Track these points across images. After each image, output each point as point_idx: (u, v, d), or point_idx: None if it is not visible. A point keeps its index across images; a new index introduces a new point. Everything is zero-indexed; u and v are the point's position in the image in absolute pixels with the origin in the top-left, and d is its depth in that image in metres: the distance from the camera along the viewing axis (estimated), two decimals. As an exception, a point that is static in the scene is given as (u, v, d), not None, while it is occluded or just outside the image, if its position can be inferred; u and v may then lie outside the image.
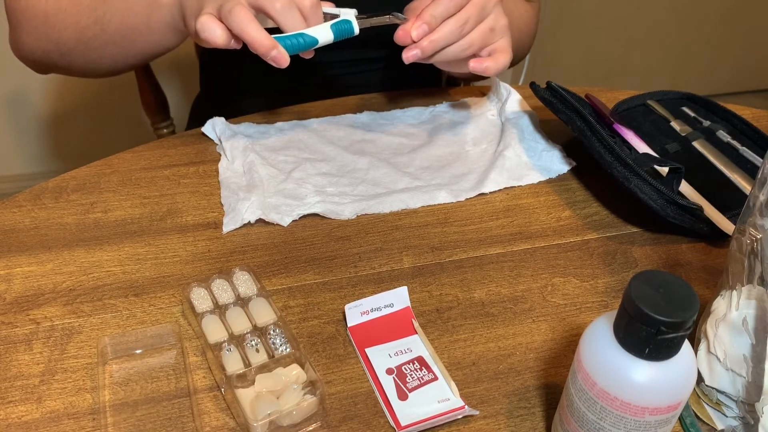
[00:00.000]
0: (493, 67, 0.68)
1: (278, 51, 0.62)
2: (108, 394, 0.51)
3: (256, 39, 0.61)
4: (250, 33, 0.60)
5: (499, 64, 0.69)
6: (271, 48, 0.61)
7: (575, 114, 0.70)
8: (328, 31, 0.65)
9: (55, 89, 1.76)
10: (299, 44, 0.63)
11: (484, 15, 0.67)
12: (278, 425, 0.48)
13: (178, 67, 1.73)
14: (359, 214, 0.67)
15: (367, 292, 0.59)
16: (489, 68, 0.68)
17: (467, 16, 0.66)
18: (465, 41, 0.67)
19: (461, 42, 0.67)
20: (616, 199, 0.70)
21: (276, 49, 0.61)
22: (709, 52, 2.28)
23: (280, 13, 0.62)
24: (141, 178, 0.71)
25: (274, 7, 0.61)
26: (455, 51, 0.67)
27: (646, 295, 0.37)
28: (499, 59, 0.69)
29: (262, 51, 0.61)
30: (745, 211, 0.47)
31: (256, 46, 0.61)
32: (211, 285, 0.57)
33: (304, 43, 0.63)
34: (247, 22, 0.60)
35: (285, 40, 0.63)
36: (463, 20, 0.66)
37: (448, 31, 0.65)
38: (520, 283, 0.61)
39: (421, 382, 0.51)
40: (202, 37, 0.63)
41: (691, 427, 0.49)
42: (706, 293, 0.60)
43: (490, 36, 0.68)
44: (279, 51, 0.62)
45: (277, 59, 0.62)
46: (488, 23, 0.68)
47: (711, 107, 0.83)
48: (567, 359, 0.54)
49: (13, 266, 0.60)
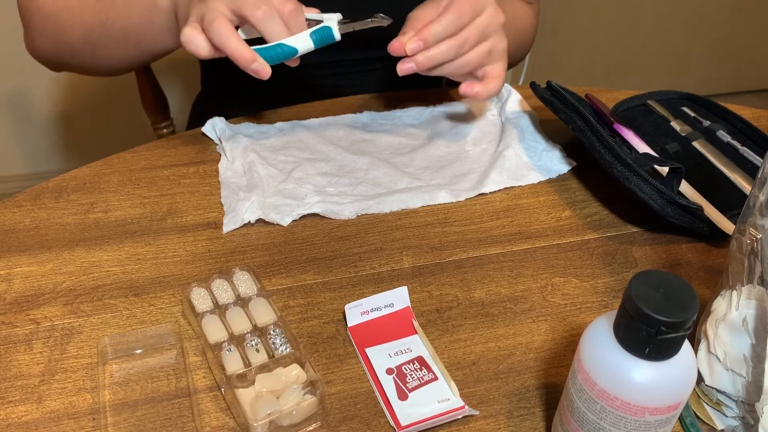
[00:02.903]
0: (484, 92, 0.70)
1: (258, 63, 0.62)
2: (108, 394, 0.51)
3: (236, 51, 0.61)
4: (230, 46, 0.61)
5: (490, 90, 0.70)
6: (251, 61, 0.62)
7: (575, 114, 0.70)
8: (308, 39, 0.65)
9: (55, 89, 1.76)
10: (278, 55, 0.64)
11: (483, 37, 0.68)
12: (278, 425, 0.48)
13: (178, 67, 1.73)
14: (359, 214, 0.67)
15: (367, 292, 0.59)
16: (479, 93, 0.70)
17: (466, 37, 0.66)
18: (461, 61, 0.68)
19: (457, 61, 0.68)
20: (616, 199, 0.70)
21: (256, 62, 0.62)
22: (709, 52, 2.28)
23: (261, 21, 0.62)
24: (141, 178, 0.71)
25: (255, 15, 0.62)
26: (450, 69, 0.68)
27: (646, 295, 0.37)
28: (490, 85, 0.70)
29: (243, 63, 0.62)
30: (745, 211, 0.47)
31: (236, 58, 0.62)
32: (211, 285, 0.57)
33: (283, 53, 0.64)
34: (227, 35, 0.61)
35: (264, 52, 0.63)
36: (461, 41, 0.66)
37: (444, 50, 0.66)
38: (520, 283, 0.61)
39: (421, 382, 0.51)
40: (187, 49, 0.63)
41: (691, 427, 0.49)
42: (706, 293, 0.60)
43: (487, 58, 0.69)
44: (259, 63, 0.62)
45: (258, 71, 0.63)
46: (487, 46, 0.68)
47: (711, 107, 0.83)
48: (567, 359, 0.54)
49: (13, 266, 0.60)
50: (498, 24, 0.69)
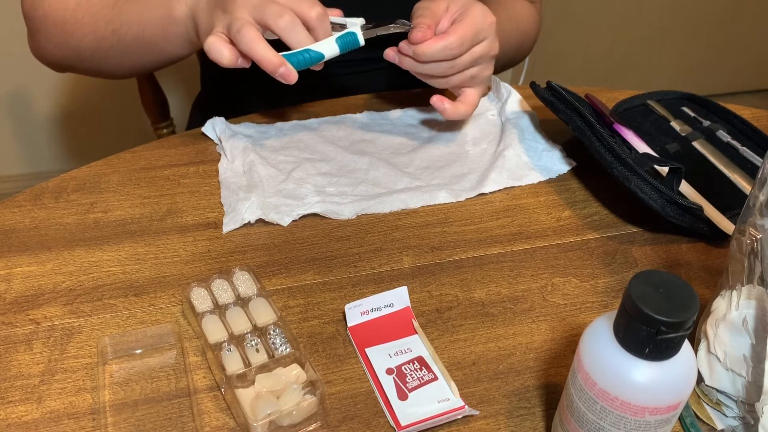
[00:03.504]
0: (451, 112, 0.73)
1: (286, 68, 0.63)
2: (108, 394, 0.51)
3: (265, 57, 0.62)
4: (258, 52, 0.62)
5: (457, 113, 0.73)
6: (279, 65, 0.63)
7: (575, 114, 0.70)
8: (334, 45, 0.66)
9: (55, 90, 1.76)
10: (305, 60, 0.65)
11: (473, 64, 0.71)
12: (278, 425, 0.48)
13: (178, 67, 1.71)
14: (359, 214, 0.67)
15: (367, 292, 0.59)
16: (446, 111, 0.72)
17: (458, 64, 0.69)
18: (443, 80, 0.71)
19: (440, 80, 0.71)
20: (616, 199, 0.70)
21: (284, 66, 0.63)
22: (709, 52, 2.28)
23: (284, 30, 0.63)
24: (141, 178, 0.71)
25: (278, 24, 0.63)
26: (432, 82, 0.72)
27: (646, 295, 0.37)
28: (460, 109, 0.73)
29: (271, 69, 0.63)
30: (745, 211, 0.47)
31: (265, 64, 0.63)
32: (211, 285, 0.57)
33: (310, 58, 0.65)
34: (255, 42, 0.62)
35: (292, 57, 0.64)
36: (452, 65, 0.69)
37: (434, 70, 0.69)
38: (520, 283, 0.61)
39: (421, 382, 0.51)
40: (209, 57, 0.65)
41: (691, 427, 0.49)
42: (706, 293, 0.60)
43: (469, 82, 0.72)
44: (287, 68, 0.63)
45: (286, 76, 0.64)
46: (472, 72, 0.71)
47: (711, 107, 0.83)
48: (567, 359, 0.54)
49: (13, 266, 0.60)
50: (491, 55, 0.72)
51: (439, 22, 0.69)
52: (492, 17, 0.70)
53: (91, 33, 0.75)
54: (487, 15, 0.70)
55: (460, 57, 0.69)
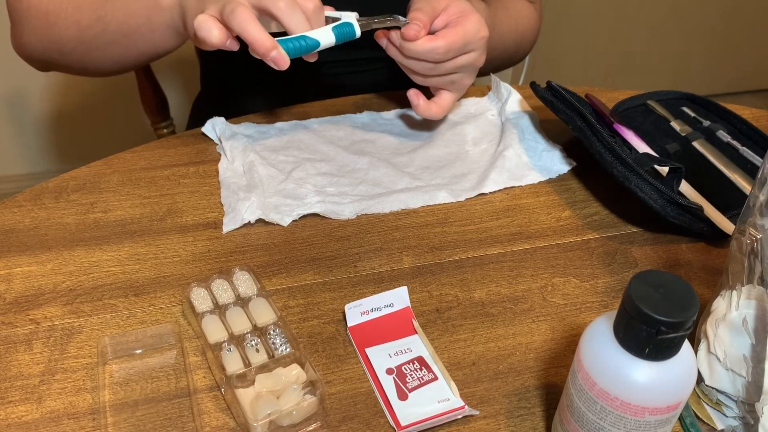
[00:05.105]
0: (423, 109, 0.74)
1: (278, 52, 0.61)
2: (108, 394, 0.51)
3: (257, 39, 0.60)
4: (251, 33, 0.60)
5: (429, 113, 0.74)
6: (271, 48, 0.60)
7: (575, 114, 0.70)
8: (330, 33, 0.64)
9: (55, 89, 1.77)
10: (301, 47, 0.62)
11: (455, 71, 0.72)
12: (278, 425, 0.48)
13: (178, 67, 1.73)
14: (359, 214, 0.67)
15: (367, 292, 0.59)
16: (419, 107, 0.74)
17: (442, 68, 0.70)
18: (423, 78, 0.72)
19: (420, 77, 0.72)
20: (616, 199, 0.70)
21: (276, 50, 0.60)
22: (709, 52, 2.28)
23: (283, 12, 0.61)
24: (141, 178, 0.71)
25: (278, 6, 0.61)
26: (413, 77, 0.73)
27: (646, 295, 0.37)
28: (431, 108, 0.74)
29: (262, 51, 0.60)
30: (745, 211, 0.47)
31: (257, 46, 0.60)
32: (211, 285, 0.57)
33: (306, 45, 0.63)
34: (248, 22, 0.60)
35: (287, 43, 0.62)
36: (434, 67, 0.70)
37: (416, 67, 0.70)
38: (520, 283, 0.61)
39: (421, 382, 0.51)
40: (198, 36, 0.62)
41: (691, 427, 0.49)
42: (706, 293, 0.60)
43: (447, 86, 0.73)
44: (279, 52, 0.61)
45: (277, 60, 0.61)
46: (453, 77, 0.73)
47: (711, 107, 0.83)
48: (567, 359, 0.54)
49: (13, 266, 0.60)
50: (476, 66, 0.73)
51: (436, 17, 0.69)
52: (485, 32, 0.70)
53: (75, 24, 0.74)
54: (481, 29, 0.69)
55: (445, 64, 0.69)
